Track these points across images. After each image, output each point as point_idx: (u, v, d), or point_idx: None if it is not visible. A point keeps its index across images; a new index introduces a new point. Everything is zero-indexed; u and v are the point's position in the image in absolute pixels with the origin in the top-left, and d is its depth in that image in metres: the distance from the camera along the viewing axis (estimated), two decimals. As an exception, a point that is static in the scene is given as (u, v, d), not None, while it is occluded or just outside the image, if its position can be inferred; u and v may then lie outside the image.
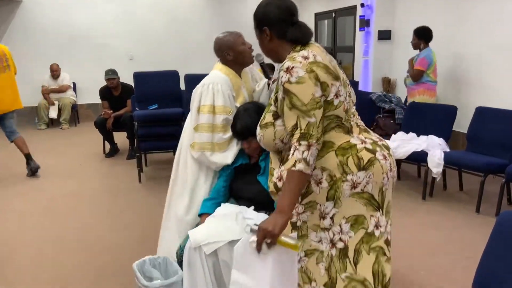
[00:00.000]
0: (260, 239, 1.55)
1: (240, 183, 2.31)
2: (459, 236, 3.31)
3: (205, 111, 2.29)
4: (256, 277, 1.59)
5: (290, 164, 1.55)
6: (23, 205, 4.07)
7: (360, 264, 1.66)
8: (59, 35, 8.48)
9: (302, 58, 1.62)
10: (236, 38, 2.38)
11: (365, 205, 1.65)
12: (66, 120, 8.19)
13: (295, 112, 1.58)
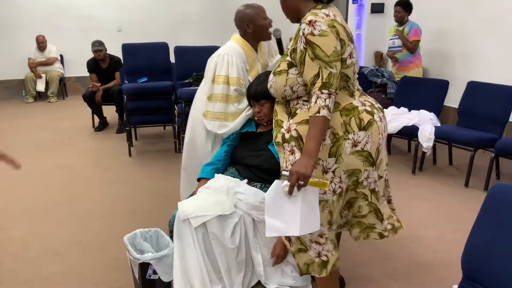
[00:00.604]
0: (294, 181, 1.64)
1: (246, 150, 2.33)
2: (448, 210, 3.35)
3: (220, 81, 2.38)
4: (286, 219, 1.71)
5: (315, 111, 1.64)
6: (12, 178, 4.02)
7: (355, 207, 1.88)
8: (44, 5, 8.27)
9: (324, 14, 1.70)
10: (258, 12, 2.42)
11: (362, 162, 1.79)
12: (54, 93, 8.06)
13: (318, 62, 1.67)
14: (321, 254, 1.86)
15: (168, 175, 4.12)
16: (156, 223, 2.56)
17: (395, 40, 5.28)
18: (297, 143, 1.79)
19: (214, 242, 2.00)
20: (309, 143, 1.66)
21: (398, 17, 5.23)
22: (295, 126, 1.79)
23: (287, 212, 1.71)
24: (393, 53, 5.33)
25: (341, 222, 1.92)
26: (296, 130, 1.79)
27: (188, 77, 4.73)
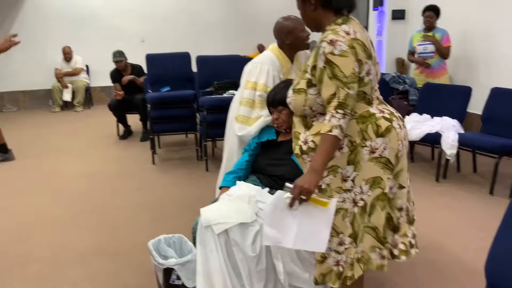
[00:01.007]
0: (296, 195, 1.69)
1: (267, 160, 2.36)
2: (472, 218, 3.30)
3: (249, 87, 2.52)
4: (283, 230, 1.75)
5: (327, 129, 1.67)
6: (39, 185, 4.15)
7: (373, 216, 1.83)
8: (70, 17, 8.51)
9: (344, 33, 1.71)
10: (296, 25, 2.50)
11: (382, 169, 1.79)
12: (80, 102, 8.27)
13: (335, 82, 1.68)
14: (340, 263, 1.85)
15: (190, 182, 4.18)
16: (179, 229, 2.60)
17: (427, 45, 5.09)
18: (315, 153, 1.80)
19: (236, 249, 2.02)
20: (316, 159, 1.71)
21: (430, 22, 5.09)
22: (312, 138, 1.82)
23: (284, 224, 1.75)
24: (424, 59, 5.16)
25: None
26: (313, 141, 1.81)
27: (210, 85, 4.79)
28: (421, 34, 5.18)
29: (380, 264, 1.89)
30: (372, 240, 1.86)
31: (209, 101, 4.36)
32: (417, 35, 5.25)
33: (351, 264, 1.84)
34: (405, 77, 5.48)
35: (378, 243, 1.86)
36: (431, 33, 5.09)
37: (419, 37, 5.18)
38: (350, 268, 1.84)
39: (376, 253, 1.88)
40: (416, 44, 5.19)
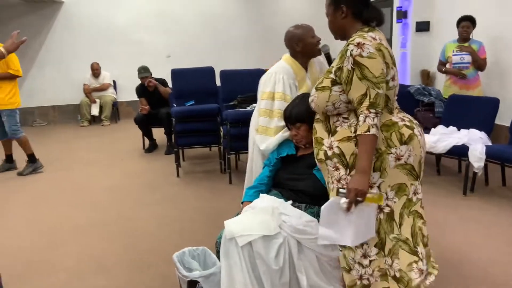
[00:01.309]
0: (352, 198, 1.73)
1: (288, 174, 2.36)
2: (501, 232, 3.21)
3: (265, 97, 2.53)
4: (340, 231, 1.80)
5: (365, 129, 1.71)
6: (67, 197, 4.25)
7: (403, 226, 1.86)
8: (99, 34, 8.75)
9: (371, 37, 1.78)
10: (306, 31, 2.55)
11: (406, 175, 1.84)
12: (107, 117, 8.45)
13: (365, 82, 1.74)
14: (363, 277, 1.84)
15: (214, 195, 4.21)
16: (203, 241, 2.62)
17: (464, 55, 4.90)
18: (340, 159, 1.84)
19: (259, 262, 2.02)
20: (361, 160, 1.73)
21: (467, 32, 4.93)
22: (337, 143, 1.85)
23: (340, 225, 1.79)
24: (460, 69, 4.95)
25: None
26: (338, 147, 1.84)
27: (233, 99, 4.85)
28: (455, 44, 5.01)
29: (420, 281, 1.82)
30: (407, 256, 1.83)
31: (233, 114, 4.41)
32: (451, 45, 5.07)
33: (382, 275, 1.84)
34: (431, 89, 5.41)
35: (413, 256, 1.86)
36: (467, 44, 4.93)
37: (454, 47, 5.01)
38: (382, 279, 1.84)
39: (415, 270, 1.83)
40: (452, 54, 5.01)
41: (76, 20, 8.64)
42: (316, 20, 2.22)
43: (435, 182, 4.36)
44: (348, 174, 1.84)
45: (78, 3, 8.58)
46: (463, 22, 4.95)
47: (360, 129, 1.72)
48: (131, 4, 8.81)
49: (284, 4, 9.38)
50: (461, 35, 4.99)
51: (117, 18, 8.78)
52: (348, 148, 1.82)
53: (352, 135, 1.82)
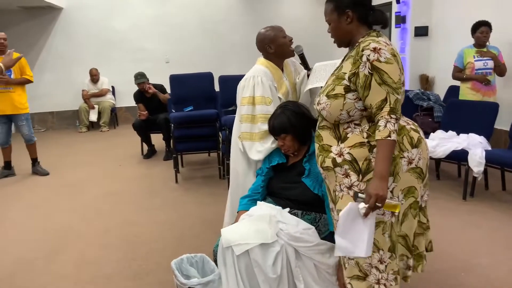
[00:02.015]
0: (372, 203, 1.68)
1: (281, 183, 2.34)
2: (502, 237, 3.19)
3: (245, 102, 2.46)
4: (354, 241, 1.76)
5: (385, 134, 1.68)
6: (65, 203, 4.23)
7: (404, 224, 1.89)
8: (97, 40, 8.75)
9: (384, 43, 1.75)
10: (277, 32, 2.50)
11: (417, 178, 1.84)
12: (106, 123, 8.44)
13: (385, 88, 1.71)
14: (381, 282, 1.83)
15: (213, 200, 4.19)
16: (202, 247, 2.61)
17: (487, 61, 4.73)
18: (352, 166, 1.80)
19: (257, 270, 2.00)
20: (381, 165, 1.70)
21: (487, 38, 4.75)
22: (348, 150, 1.81)
23: (355, 234, 1.76)
24: (485, 75, 4.74)
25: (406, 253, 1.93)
26: (350, 154, 1.81)
27: (232, 104, 4.83)
28: (474, 50, 4.81)
29: (405, 274, 1.93)
30: (401, 249, 1.90)
31: (231, 120, 4.35)
32: (470, 51, 4.82)
33: (395, 279, 1.85)
34: (430, 93, 5.41)
35: (407, 251, 1.91)
36: (485, 49, 4.77)
37: (473, 53, 4.78)
38: (395, 283, 1.85)
39: (404, 261, 1.93)
40: (474, 60, 4.76)
41: (75, 26, 8.65)
42: (316, 27, 2.20)
43: (434, 186, 4.35)
44: (360, 180, 1.80)
45: (77, 9, 8.59)
46: (482, 27, 4.73)
47: (380, 134, 1.69)
48: (130, 9, 8.82)
49: (283, 11, 9.40)
50: (479, 40, 4.77)
51: (116, 23, 8.79)
52: (361, 154, 1.79)
53: (365, 141, 1.79)
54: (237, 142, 2.56)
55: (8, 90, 4.97)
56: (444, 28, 6.50)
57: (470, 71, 4.79)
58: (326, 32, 2.00)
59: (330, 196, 1.94)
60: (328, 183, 1.93)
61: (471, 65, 4.78)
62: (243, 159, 2.52)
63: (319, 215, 2.21)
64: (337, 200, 1.88)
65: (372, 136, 1.78)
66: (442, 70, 6.54)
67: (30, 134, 5.20)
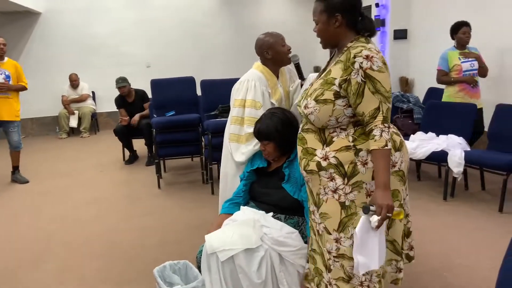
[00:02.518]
0: (384, 214, 1.67)
1: (262, 188, 2.34)
2: (482, 236, 3.25)
3: (237, 104, 2.49)
4: (369, 254, 1.74)
5: (382, 144, 1.69)
6: (47, 211, 4.15)
7: (392, 229, 1.90)
8: (77, 45, 8.65)
9: (375, 50, 1.75)
10: (276, 39, 2.52)
11: (399, 181, 1.86)
12: (86, 128, 8.33)
13: (378, 97, 1.72)
14: (364, 284, 1.84)
15: (196, 205, 4.16)
16: (185, 254, 2.59)
17: (473, 62, 4.60)
18: (337, 169, 1.80)
19: (242, 276, 1.99)
20: (382, 176, 1.70)
21: (469, 38, 4.65)
22: (334, 154, 1.81)
23: (370, 247, 1.74)
24: (472, 75, 4.62)
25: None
26: (335, 157, 1.80)
27: (214, 109, 4.82)
28: (457, 51, 4.68)
29: (395, 277, 1.93)
30: (390, 254, 1.91)
31: (214, 124, 4.38)
32: (454, 53, 4.68)
33: (379, 281, 1.85)
34: (409, 95, 5.48)
35: (395, 255, 1.92)
36: (466, 50, 4.69)
37: (457, 55, 4.65)
38: (379, 285, 1.86)
39: (392, 265, 1.93)
40: (461, 62, 4.62)
41: (54, 31, 8.53)
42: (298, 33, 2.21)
43: (415, 187, 4.40)
44: (345, 184, 1.80)
45: (56, 14, 8.47)
46: (463, 27, 4.62)
47: (377, 144, 1.69)
48: (110, 14, 8.74)
49: (265, 14, 9.43)
50: (461, 41, 4.66)
51: (96, 28, 8.70)
52: (346, 158, 1.79)
53: (351, 145, 1.79)
54: (227, 144, 2.58)
55: (7, 96, 4.98)
56: (422, 31, 6.60)
57: (457, 73, 4.63)
58: (308, 35, 2.01)
59: (313, 199, 1.93)
60: (311, 186, 1.92)
61: (458, 67, 4.63)
62: (232, 161, 2.53)
63: (302, 218, 2.22)
64: (321, 203, 1.88)
65: (358, 140, 1.79)
66: (421, 73, 6.65)
67: (18, 141, 5.18)
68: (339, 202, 1.82)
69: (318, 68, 8.07)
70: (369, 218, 1.69)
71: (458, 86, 4.65)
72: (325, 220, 1.87)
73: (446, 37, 4.97)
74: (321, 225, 1.90)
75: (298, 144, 1.97)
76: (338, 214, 1.83)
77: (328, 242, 1.88)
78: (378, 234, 1.72)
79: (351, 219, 1.81)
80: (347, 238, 1.82)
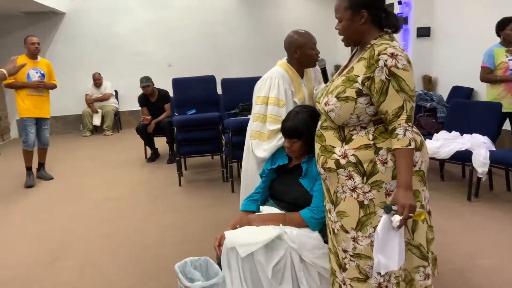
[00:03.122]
0: (406, 214, 1.64)
1: (280, 185, 2.33)
2: (507, 238, 3.17)
3: (259, 101, 2.48)
4: (389, 254, 1.71)
5: (406, 143, 1.67)
6: (69, 209, 4.24)
7: (417, 232, 1.85)
8: (100, 44, 8.79)
9: (400, 48, 1.72)
10: (307, 41, 2.46)
11: (419, 181, 1.82)
12: (109, 127, 8.46)
13: (403, 95, 1.69)
14: (382, 285, 1.81)
15: (216, 203, 4.18)
16: (205, 251, 2.60)
17: None
18: (356, 168, 1.78)
19: (261, 273, 2.00)
20: (405, 175, 1.68)
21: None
22: (353, 152, 1.78)
23: (390, 247, 1.72)
24: None
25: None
26: (354, 156, 1.78)
27: (235, 107, 4.84)
28: (504, 49, 4.48)
29: (424, 285, 1.87)
30: (417, 260, 1.86)
31: (234, 122, 4.40)
32: (500, 50, 4.48)
33: (397, 283, 1.82)
34: (433, 94, 5.40)
35: (422, 261, 1.86)
36: None
37: (505, 52, 4.45)
38: (397, 287, 1.82)
39: (420, 273, 1.87)
40: (508, 59, 4.41)
41: (78, 31, 8.68)
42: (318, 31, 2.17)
43: (439, 187, 4.33)
44: (364, 183, 1.78)
45: (79, 14, 8.63)
46: (511, 24, 4.41)
47: (400, 143, 1.67)
48: (132, 14, 8.85)
49: (286, 14, 9.40)
50: (508, 38, 4.46)
51: (118, 28, 8.82)
52: (366, 156, 1.77)
53: (371, 143, 1.77)
54: (248, 141, 2.57)
55: (42, 94, 5.12)
56: (446, 28, 6.49)
57: (503, 72, 4.42)
58: (328, 34, 2.00)
59: (330, 197, 1.92)
60: (328, 184, 1.91)
61: (504, 65, 4.42)
62: (253, 158, 2.52)
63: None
64: (339, 201, 1.86)
65: (378, 138, 1.76)
66: (444, 71, 6.54)
67: (48, 138, 5.33)
68: (358, 201, 1.80)
69: (338, 66, 8.02)
70: (390, 218, 1.67)
71: (503, 85, 4.45)
72: (342, 218, 1.85)
73: (470, 35, 4.88)
74: (337, 223, 1.88)
75: (316, 142, 1.95)
76: (356, 212, 1.81)
77: (344, 241, 1.86)
78: (399, 235, 1.70)
79: (370, 218, 1.79)
80: (365, 237, 1.80)
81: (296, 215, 2.12)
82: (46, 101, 5.19)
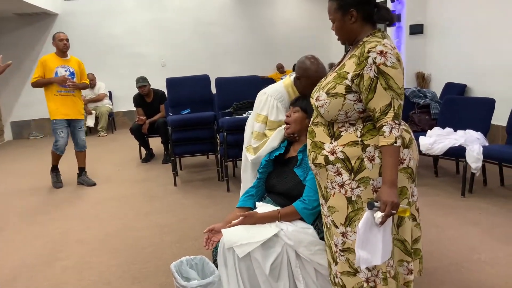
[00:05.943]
0: (388, 211, 1.66)
1: (276, 176, 2.35)
2: (501, 232, 3.20)
3: (260, 120, 2.62)
4: (371, 250, 1.73)
5: (391, 141, 1.68)
6: (65, 210, 4.22)
7: (402, 227, 1.88)
8: (93, 45, 8.76)
9: (390, 46, 1.73)
10: (318, 72, 2.43)
11: (408, 178, 1.85)
12: (104, 128, 8.44)
13: (390, 93, 1.70)
14: (369, 280, 1.83)
15: (212, 202, 4.19)
16: (202, 250, 2.61)
17: None
18: (344, 164, 1.80)
19: (258, 271, 2.00)
20: (390, 172, 1.69)
21: None
22: (341, 148, 1.80)
23: (373, 243, 1.73)
24: None
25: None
26: (342, 152, 1.80)
27: (229, 106, 4.84)
28: None
29: (407, 280, 1.89)
30: (400, 254, 1.89)
31: (229, 121, 4.40)
32: None
33: (384, 278, 1.83)
34: (426, 91, 5.41)
35: (406, 256, 1.89)
36: None
37: None
38: (384, 283, 1.83)
39: (404, 267, 1.90)
40: None
41: (71, 31, 8.58)
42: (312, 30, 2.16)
43: (433, 183, 4.35)
44: (352, 179, 1.79)
45: (72, 15, 8.60)
46: None
47: (386, 140, 1.68)
48: (126, 14, 8.83)
49: (280, 14, 9.41)
50: None
51: (112, 29, 8.80)
52: (354, 153, 1.78)
53: (359, 140, 1.78)
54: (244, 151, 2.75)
55: (72, 94, 4.90)
56: (439, 25, 6.52)
57: None
58: (321, 33, 2.01)
59: (321, 192, 1.94)
60: (319, 179, 1.93)
61: None
62: (250, 167, 2.67)
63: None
64: (329, 196, 1.89)
65: (366, 135, 1.78)
66: (438, 68, 6.57)
67: (85, 140, 5.11)
68: (346, 197, 1.82)
69: (332, 65, 8.03)
70: (373, 214, 1.69)
71: None
72: (332, 213, 1.88)
73: (462, 32, 4.92)
74: (329, 218, 1.91)
75: (307, 137, 1.96)
76: (345, 208, 1.83)
77: (335, 235, 1.89)
78: (382, 231, 1.71)
79: (358, 214, 1.81)
80: (353, 232, 1.82)
81: (289, 208, 2.14)
82: (77, 101, 4.93)
